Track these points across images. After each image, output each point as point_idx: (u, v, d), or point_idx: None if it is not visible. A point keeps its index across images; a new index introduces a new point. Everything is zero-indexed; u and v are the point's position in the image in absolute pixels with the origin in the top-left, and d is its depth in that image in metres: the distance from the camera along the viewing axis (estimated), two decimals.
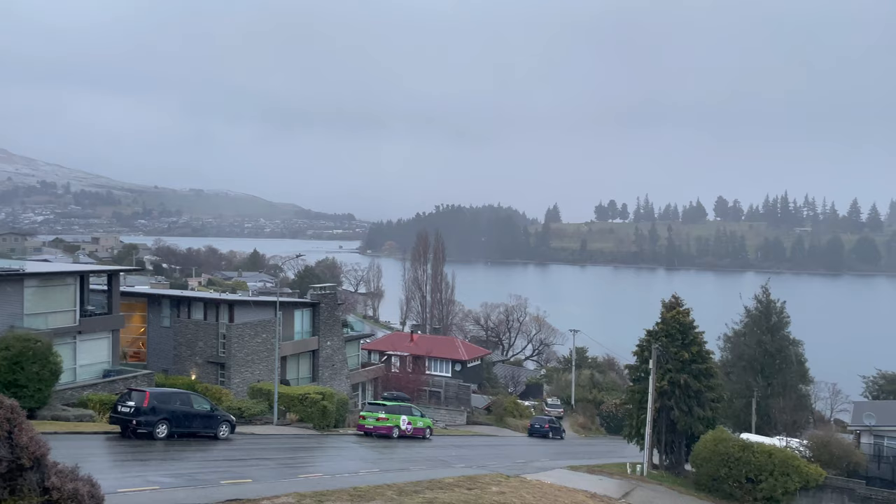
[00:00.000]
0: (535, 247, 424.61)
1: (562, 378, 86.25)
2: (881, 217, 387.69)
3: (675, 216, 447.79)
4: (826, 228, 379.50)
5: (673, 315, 40.43)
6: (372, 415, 39.97)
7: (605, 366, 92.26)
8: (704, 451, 34.65)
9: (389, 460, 31.04)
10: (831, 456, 36.59)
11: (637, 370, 41.84)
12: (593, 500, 25.50)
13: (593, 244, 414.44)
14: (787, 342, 60.62)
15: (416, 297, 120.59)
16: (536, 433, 58.03)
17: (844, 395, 74.23)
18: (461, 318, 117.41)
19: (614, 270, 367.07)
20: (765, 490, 32.68)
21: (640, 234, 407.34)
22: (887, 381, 67.12)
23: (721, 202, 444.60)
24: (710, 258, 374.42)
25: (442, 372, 75.51)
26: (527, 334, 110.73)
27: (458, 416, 62.05)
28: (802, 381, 61.78)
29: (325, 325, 54.49)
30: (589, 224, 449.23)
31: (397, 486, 22.03)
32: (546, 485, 27.05)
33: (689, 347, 39.35)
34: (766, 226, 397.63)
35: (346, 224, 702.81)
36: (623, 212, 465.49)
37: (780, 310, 61.07)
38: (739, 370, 61.07)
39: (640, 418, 39.99)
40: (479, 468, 30.52)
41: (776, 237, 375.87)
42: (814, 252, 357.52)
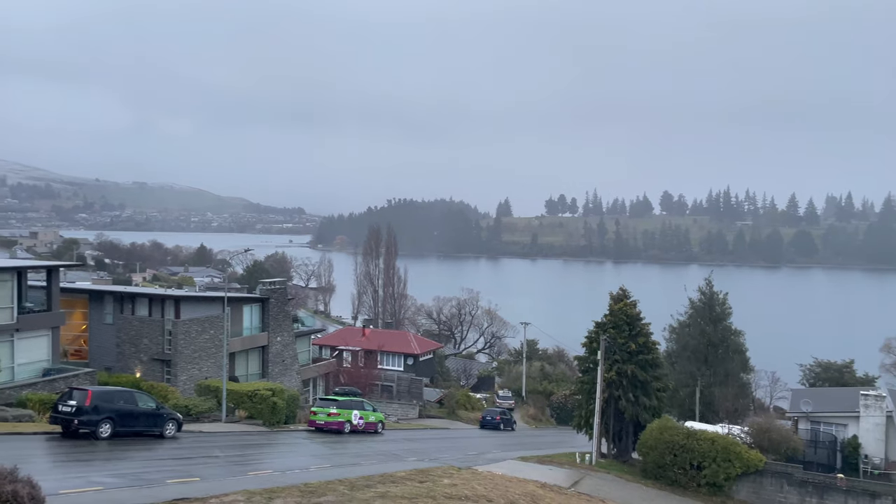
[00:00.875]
0: (486, 240, 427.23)
1: (513, 370, 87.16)
2: (818, 211, 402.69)
3: (622, 210, 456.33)
4: (766, 222, 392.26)
5: (620, 307, 41.23)
6: (323, 410, 39.70)
7: (556, 357, 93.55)
8: (651, 439, 35.51)
9: (341, 455, 30.90)
10: (771, 442, 37.95)
11: (586, 361, 42.55)
12: (543, 490, 25.89)
13: (544, 238, 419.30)
14: (730, 332, 62.55)
15: (368, 291, 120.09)
16: (488, 425, 58.50)
17: (783, 382, 76.95)
18: (413, 312, 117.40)
19: (564, 264, 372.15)
20: (708, 476, 33.70)
21: (589, 228, 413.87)
22: (823, 369, 69.85)
23: (667, 197, 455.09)
24: (656, 251, 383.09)
25: (394, 366, 75.39)
26: (479, 327, 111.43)
27: (411, 409, 62.11)
28: (743, 370, 63.81)
29: (274, 321, 53.78)
30: (539, 218, 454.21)
31: (349, 481, 21.96)
32: (497, 476, 27.34)
33: (636, 338, 40.21)
34: (710, 220, 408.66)
35: (296, 218, 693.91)
36: (573, 206, 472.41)
37: (722, 301, 62.95)
38: (684, 360, 62.76)
39: (588, 408, 40.71)
40: (431, 461, 30.64)
41: (719, 231, 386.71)
42: (754, 245, 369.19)
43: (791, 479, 33.53)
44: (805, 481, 33.38)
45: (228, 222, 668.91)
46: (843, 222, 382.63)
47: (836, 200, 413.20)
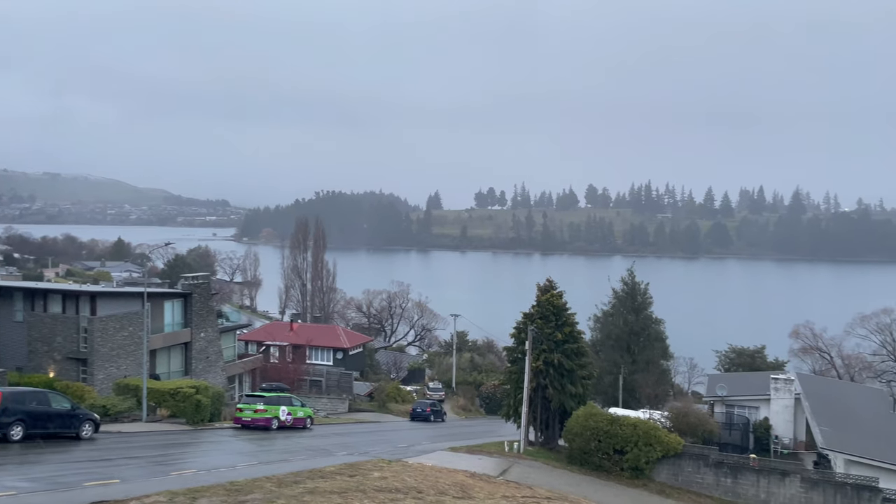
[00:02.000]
0: (417, 233, 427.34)
1: (443, 362, 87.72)
2: (732, 204, 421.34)
3: (549, 203, 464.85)
4: (684, 215, 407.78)
5: (547, 298, 42.03)
6: (249, 407, 38.94)
7: (485, 348, 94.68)
8: (576, 426, 36.44)
9: (269, 452, 30.39)
10: (689, 425, 39.61)
11: (514, 351, 43.21)
12: (473, 479, 26.21)
13: (473, 230, 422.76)
14: (651, 321, 64.85)
15: (295, 285, 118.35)
16: (418, 417, 58.73)
17: (700, 368, 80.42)
18: (343, 306, 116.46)
19: (493, 256, 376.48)
20: (630, 460, 34.88)
21: (517, 221, 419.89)
22: (737, 354, 73.25)
23: (592, 190, 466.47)
24: (581, 243, 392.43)
25: (323, 361, 74.60)
26: (409, 320, 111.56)
27: (340, 404, 61.65)
28: (664, 357, 66.30)
29: (198, 316, 52.26)
30: (469, 211, 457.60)
31: (277, 478, 21.63)
32: (427, 467, 27.50)
33: (563, 328, 41.10)
34: (632, 212, 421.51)
35: (220, 210, 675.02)
36: (502, 199, 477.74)
37: (643, 291, 65.17)
38: (608, 348, 64.70)
39: (517, 398, 41.39)
40: (360, 455, 30.53)
41: (641, 223, 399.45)
42: (674, 237, 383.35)
43: (707, 461, 35.07)
44: (720, 462, 34.98)
45: (148, 215, 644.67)
46: (756, 215, 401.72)
47: (750, 194, 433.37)
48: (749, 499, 33.83)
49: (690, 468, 35.16)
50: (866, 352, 78.66)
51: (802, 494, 33.14)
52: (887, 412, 47.41)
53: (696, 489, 34.60)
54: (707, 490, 34.56)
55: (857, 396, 51.25)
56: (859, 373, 76.41)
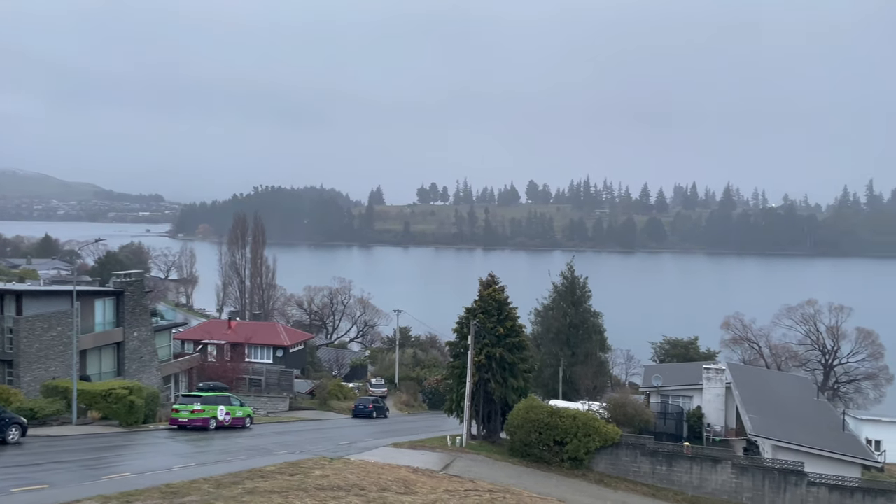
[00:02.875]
0: (359, 229, 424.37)
1: (386, 358, 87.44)
2: (667, 200, 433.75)
3: (491, 199, 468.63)
4: (622, 210, 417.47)
5: (489, 293, 42.38)
6: (186, 407, 37.99)
7: (428, 344, 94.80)
8: (517, 419, 36.91)
9: (206, 453, 29.71)
10: (626, 416, 40.65)
11: (457, 346, 43.41)
12: (416, 475, 26.25)
13: (416, 226, 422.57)
14: (589, 314, 66.17)
15: (234, 282, 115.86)
16: (361, 414, 58.46)
17: (637, 360, 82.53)
18: (283, 303, 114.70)
19: (436, 251, 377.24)
20: (570, 451, 35.56)
21: (459, 216, 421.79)
22: (672, 346, 75.53)
23: (532, 186, 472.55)
24: (522, 238, 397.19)
25: (263, 359, 73.34)
26: (351, 317, 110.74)
27: (281, 402, 60.77)
28: (602, 350, 67.75)
29: (130, 315, 50.60)
30: (412, 206, 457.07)
31: (215, 479, 21.19)
32: (370, 464, 27.41)
33: (504, 323, 41.52)
34: (572, 208, 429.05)
35: (153, 206, 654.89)
36: (444, 194, 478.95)
37: (582, 285, 66.43)
38: (548, 342, 65.70)
39: (459, 392, 41.63)
40: (302, 453, 30.19)
41: (580, 218, 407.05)
42: (611, 232, 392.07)
43: (644, 450, 36.06)
44: (656, 451, 36.02)
45: (77, 210, 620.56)
46: (689, 210, 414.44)
47: (683, 190, 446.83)
48: (683, 486, 34.95)
49: (628, 457, 36.08)
50: (792, 341, 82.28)
51: (733, 480, 34.44)
52: (811, 399, 49.72)
53: (633, 477, 35.54)
54: (643, 478, 35.54)
55: (783, 384, 53.55)
56: (786, 362, 79.86)
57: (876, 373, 76.93)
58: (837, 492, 32.92)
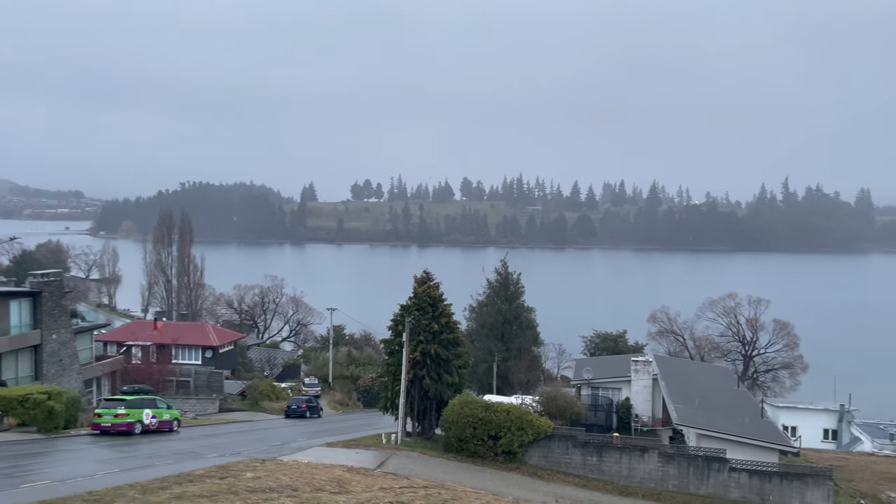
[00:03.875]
0: (291, 226, 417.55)
1: (320, 357, 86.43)
2: (596, 197, 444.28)
3: (426, 196, 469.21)
4: (553, 207, 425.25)
5: (424, 290, 42.44)
6: (109, 411, 36.54)
7: (362, 342, 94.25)
8: (452, 414, 37.14)
9: (132, 458, 28.68)
10: (558, 408, 41.46)
11: (392, 343, 43.32)
12: (350, 474, 26.07)
13: (350, 223, 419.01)
14: (523, 310, 67.17)
15: (160, 281, 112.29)
16: (294, 414, 57.70)
17: (568, 353, 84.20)
18: (212, 303, 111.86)
19: (370, 248, 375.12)
20: (504, 445, 36.04)
21: (394, 213, 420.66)
22: (601, 339, 77.49)
23: (466, 183, 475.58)
24: (457, 235, 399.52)
25: (191, 360, 71.35)
26: (284, 315, 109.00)
27: (210, 404, 59.29)
28: (535, 344, 68.89)
29: (49, 317, 48.28)
30: (345, 203, 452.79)
31: (141, 485, 20.49)
32: (303, 464, 27.06)
33: (439, 319, 41.66)
34: (505, 205, 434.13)
35: (73, 202, 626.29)
36: (378, 191, 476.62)
37: (516, 281, 67.36)
38: (483, 337, 66.34)
39: (394, 389, 41.56)
40: (232, 456, 29.54)
41: (513, 215, 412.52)
42: (544, 228, 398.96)
43: (575, 442, 36.89)
44: (587, 442, 36.90)
45: None
46: (618, 207, 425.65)
47: (612, 187, 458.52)
48: (613, 475, 35.94)
49: (560, 449, 36.83)
50: (714, 333, 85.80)
51: (660, 468, 35.64)
52: (732, 388, 51.87)
53: (565, 469, 36.31)
54: (575, 469, 36.36)
55: (706, 375, 55.72)
56: (708, 353, 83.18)
57: (792, 362, 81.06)
58: (757, 477, 34.52)
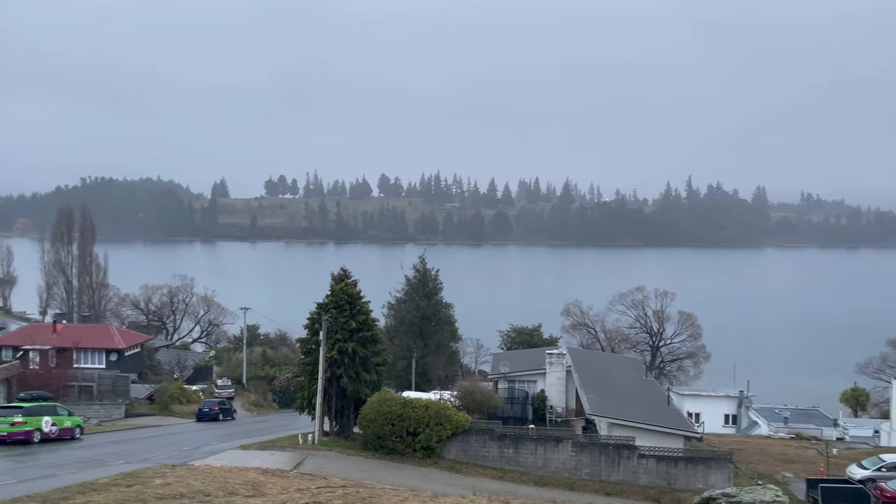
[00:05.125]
0: (201, 223, 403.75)
1: (233, 358, 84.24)
2: (512, 194, 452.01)
3: (343, 192, 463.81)
4: (470, 204, 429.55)
5: (342, 287, 42.04)
6: (5, 420, 34.45)
7: (278, 341, 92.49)
8: (371, 412, 37.01)
9: (31, 468, 27.11)
10: (476, 402, 41.99)
11: (308, 342, 42.73)
12: (265, 476, 25.54)
13: (264, 220, 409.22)
14: (441, 306, 67.65)
15: (59, 282, 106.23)
16: (206, 417, 56.15)
17: (486, 348, 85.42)
18: (117, 304, 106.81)
19: (286, 246, 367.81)
20: (422, 440, 36.22)
21: (310, 210, 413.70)
22: (518, 333, 79.01)
23: (384, 179, 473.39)
24: (375, 232, 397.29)
25: (95, 364, 67.98)
26: (194, 316, 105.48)
27: (116, 409, 56.78)
28: (453, 340, 69.53)
29: None
30: (259, 199, 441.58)
31: (41, 496, 19.40)
32: (216, 468, 26.32)
33: (357, 317, 41.38)
34: (423, 201, 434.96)
35: None
36: (293, 187, 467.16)
37: (434, 277, 67.75)
38: (401, 334, 66.39)
39: (311, 389, 41.01)
40: (140, 462, 28.39)
41: (431, 212, 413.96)
42: (461, 225, 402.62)
43: (492, 435, 37.50)
44: (504, 435, 37.59)
45: None
46: (533, 204, 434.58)
47: (527, 185, 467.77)
48: (529, 466, 36.76)
49: (477, 443, 37.36)
50: (624, 325, 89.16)
51: (574, 457, 36.73)
52: (641, 378, 54.07)
53: (482, 462, 36.86)
54: (492, 462, 36.97)
55: (616, 366, 57.83)
56: (619, 344, 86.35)
57: (695, 351, 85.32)
58: (664, 462, 36.13)
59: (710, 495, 24.57)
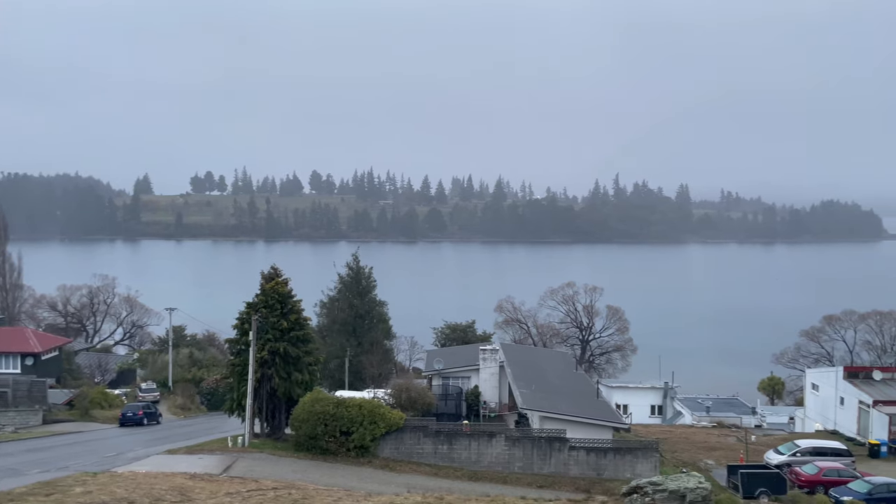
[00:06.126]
0: (124, 221, 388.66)
1: (158, 360, 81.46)
2: (446, 192, 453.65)
3: (273, 189, 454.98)
4: (404, 201, 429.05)
5: (272, 286, 41.28)
6: None
7: (206, 342, 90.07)
8: (303, 413, 36.48)
9: None
10: (410, 400, 41.96)
11: (238, 343, 41.82)
12: (193, 481, 24.84)
13: (190, 217, 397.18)
14: (375, 304, 67.39)
15: None
16: (129, 422, 54.24)
17: (420, 345, 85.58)
18: (32, 305, 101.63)
19: (213, 244, 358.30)
20: (356, 440, 35.95)
21: (239, 207, 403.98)
22: (452, 330, 79.41)
23: (316, 176, 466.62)
24: (306, 230, 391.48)
25: (9, 369, 64.69)
26: (116, 317, 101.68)
27: (33, 416, 54.07)
28: (387, 338, 69.41)
29: None
30: (185, 196, 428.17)
31: None
32: (140, 475, 25.42)
33: (288, 316, 40.71)
34: (356, 199, 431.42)
35: None
36: (221, 184, 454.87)
37: (368, 275, 67.41)
38: (334, 333, 65.80)
39: (241, 390, 40.14)
40: (59, 470, 27.13)
41: (364, 209, 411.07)
42: (395, 222, 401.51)
43: (426, 432, 37.55)
44: (438, 432, 37.69)
45: None
46: (466, 201, 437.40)
47: (460, 182, 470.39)
48: (463, 462, 36.99)
49: (411, 440, 37.34)
50: (555, 320, 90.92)
51: (507, 451, 37.19)
52: (571, 371, 55.22)
53: (416, 459, 36.87)
54: (426, 458, 37.03)
55: (548, 360, 58.84)
56: (550, 339, 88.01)
57: (623, 345, 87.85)
58: (594, 453, 37.01)
59: (637, 484, 25.39)
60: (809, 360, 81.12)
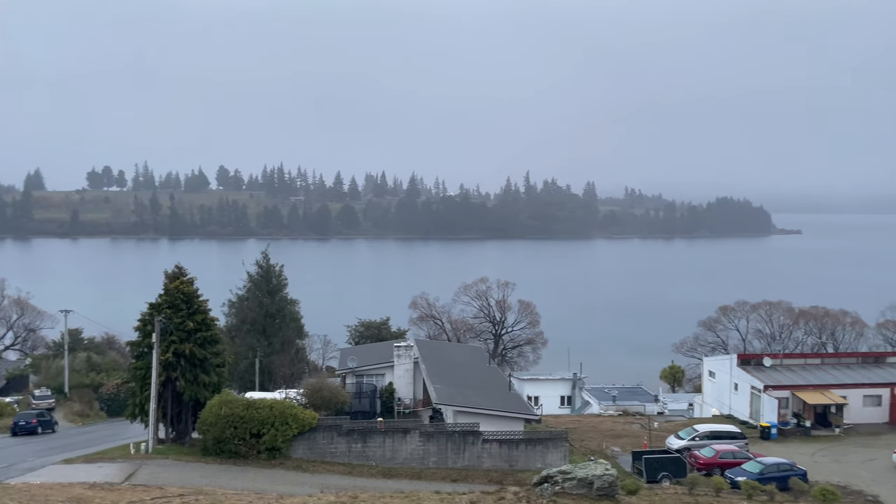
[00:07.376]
0: (13, 218, 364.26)
1: (53, 365, 76.94)
2: (359, 188, 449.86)
3: (177, 185, 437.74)
4: (316, 198, 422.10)
5: (177, 286, 39.88)
6: None
7: (105, 346, 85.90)
8: (211, 416, 35.39)
9: None
10: (323, 399, 41.43)
11: (140, 345, 40.15)
12: (93, 491, 23.65)
13: (87, 214, 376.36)
14: (286, 302, 66.03)
15: None
16: (22, 430, 51.07)
17: (334, 344, 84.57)
18: None
19: (112, 242, 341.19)
20: (267, 441, 35.20)
21: (140, 204, 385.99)
22: (366, 327, 78.81)
23: (223, 172, 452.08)
24: (213, 227, 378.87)
25: None
26: (6, 321, 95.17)
27: None
28: (299, 337, 68.16)
29: None
30: (81, 192, 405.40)
31: None
32: (35, 486, 23.99)
33: (194, 316, 39.43)
34: (266, 195, 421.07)
35: None
36: (120, 179, 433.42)
37: (278, 273, 65.97)
38: (244, 333, 64.05)
39: (144, 395, 38.56)
40: None
41: (274, 206, 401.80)
42: (307, 219, 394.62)
43: (340, 430, 37.24)
44: (352, 430, 37.46)
45: None
46: (380, 198, 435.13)
47: (374, 178, 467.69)
48: (378, 459, 36.94)
49: (325, 440, 36.94)
50: (469, 316, 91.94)
51: (421, 447, 37.39)
52: (484, 366, 56.05)
53: (330, 459, 36.52)
54: (340, 458, 36.73)
55: (462, 355, 59.51)
56: (464, 334, 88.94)
57: (534, 338, 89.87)
58: (506, 445, 37.77)
59: (548, 473, 26.08)
60: (707, 348, 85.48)
